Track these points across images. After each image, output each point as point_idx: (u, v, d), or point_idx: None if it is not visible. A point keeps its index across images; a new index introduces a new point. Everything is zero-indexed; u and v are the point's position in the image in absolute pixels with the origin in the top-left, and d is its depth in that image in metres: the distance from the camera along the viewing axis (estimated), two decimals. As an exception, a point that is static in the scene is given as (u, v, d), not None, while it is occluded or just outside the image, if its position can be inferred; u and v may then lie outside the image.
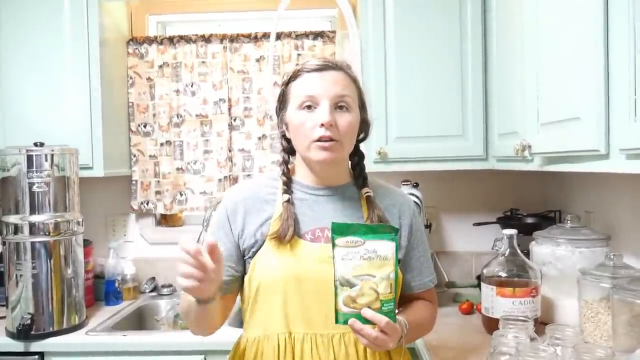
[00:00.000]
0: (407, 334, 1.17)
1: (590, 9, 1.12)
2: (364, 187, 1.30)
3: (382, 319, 1.06)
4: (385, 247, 1.10)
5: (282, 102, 1.29)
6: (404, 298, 1.32)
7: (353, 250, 1.08)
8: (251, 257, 1.24)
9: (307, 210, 1.25)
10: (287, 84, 1.27)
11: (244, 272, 1.27)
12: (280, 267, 1.20)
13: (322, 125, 1.17)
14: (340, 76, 1.23)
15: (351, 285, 1.08)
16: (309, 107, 1.20)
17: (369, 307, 1.07)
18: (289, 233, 1.19)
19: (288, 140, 1.29)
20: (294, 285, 1.19)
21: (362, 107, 1.29)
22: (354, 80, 1.27)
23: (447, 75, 2.08)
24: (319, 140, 1.18)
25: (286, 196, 1.24)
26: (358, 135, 1.30)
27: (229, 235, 1.26)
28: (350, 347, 1.21)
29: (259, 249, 1.23)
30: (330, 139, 1.18)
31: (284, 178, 1.28)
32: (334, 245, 1.09)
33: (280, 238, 1.19)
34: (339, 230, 1.10)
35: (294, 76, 1.26)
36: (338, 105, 1.20)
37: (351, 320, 1.07)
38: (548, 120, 1.40)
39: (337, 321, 1.08)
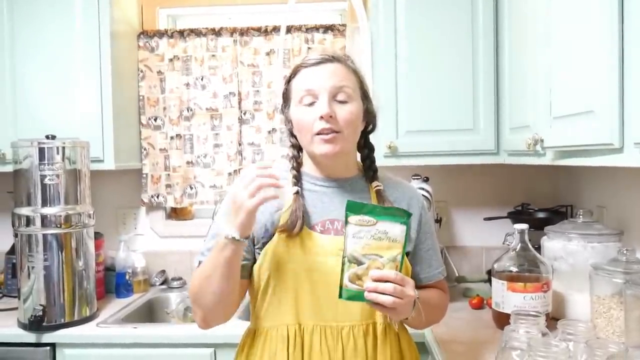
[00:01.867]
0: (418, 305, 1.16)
1: (605, -1, 1.10)
2: (373, 180, 1.31)
3: (391, 272, 1.08)
4: (396, 230, 1.11)
5: (286, 99, 1.30)
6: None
7: (365, 229, 1.10)
8: (261, 248, 1.24)
9: (317, 202, 1.26)
10: (288, 81, 1.28)
11: (254, 262, 1.27)
12: (291, 258, 1.20)
13: (322, 117, 1.18)
14: (338, 68, 1.23)
15: (359, 262, 1.09)
16: (309, 101, 1.21)
17: None
18: (297, 225, 1.20)
19: (295, 136, 1.30)
20: (304, 276, 1.19)
21: (365, 97, 1.28)
22: (354, 71, 1.26)
23: (458, 69, 2.06)
24: (320, 133, 1.19)
25: (296, 188, 1.25)
26: (366, 127, 1.31)
27: None
28: (359, 339, 1.21)
29: (269, 240, 1.24)
30: (331, 131, 1.18)
31: (294, 172, 1.28)
32: (347, 222, 1.11)
33: (289, 230, 1.20)
34: (354, 208, 1.11)
35: (294, 73, 1.27)
36: (337, 97, 1.21)
37: (368, 284, 1.07)
38: (561, 114, 1.38)
39: (340, 296, 1.09)
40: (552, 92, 1.43)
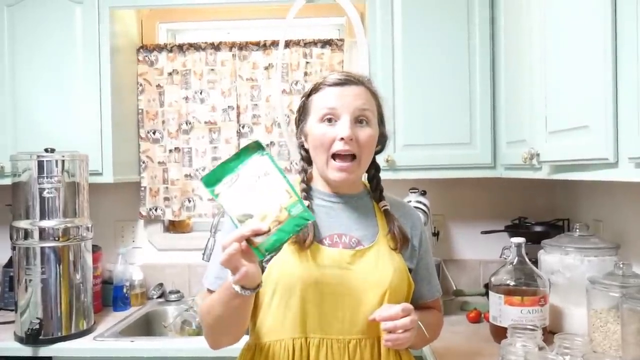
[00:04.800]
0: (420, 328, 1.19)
1: (598, 16, 1.12)
2: (380, 199, 1.33)
3: (396, 308, 1.12)
4: (259, 164, 1.05)
5: (303, 113, 1.31)
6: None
7: (234, 187, 1.04)
8: (268, 260, 1.24)
9: (325, 217, 1.27)
10: (308, 96, 1.30)
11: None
12: (300, 270, 1.20)
13: (342, 139, 1.19)
14: (361, 91, 1.25)
15: (251, 215, 1.02)
16: (329, 120, 1.22)
17: (279, 221, 1.02)
18: (309, 239, 1.20)
19: (306, 150, 1.31)
20: (312, 289, 1.19)
21: (381, 121, 1.31)
22: (374, 95, 1.29)
23: (455, 83, 2.08)
24: (337, 156, 1.21)
25: (307, 202, 1.25)
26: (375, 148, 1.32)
27: None
28: (365, 352, 1.20)
29: (277, 253, 1.23)
30: (349, 154, 1.20)
31: (304, 185, 1.30)
32: (216, 196, 1.04)
33: (300, 244, 1.20)
34: (210, 180, 1.05)
35: (315, 89, 1.28)
36: (358, 120, 1.23)
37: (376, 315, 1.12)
38: (556, 129, 1.40)
39: (261, 256, 1.03)
40: (548, 107, 1.45)
